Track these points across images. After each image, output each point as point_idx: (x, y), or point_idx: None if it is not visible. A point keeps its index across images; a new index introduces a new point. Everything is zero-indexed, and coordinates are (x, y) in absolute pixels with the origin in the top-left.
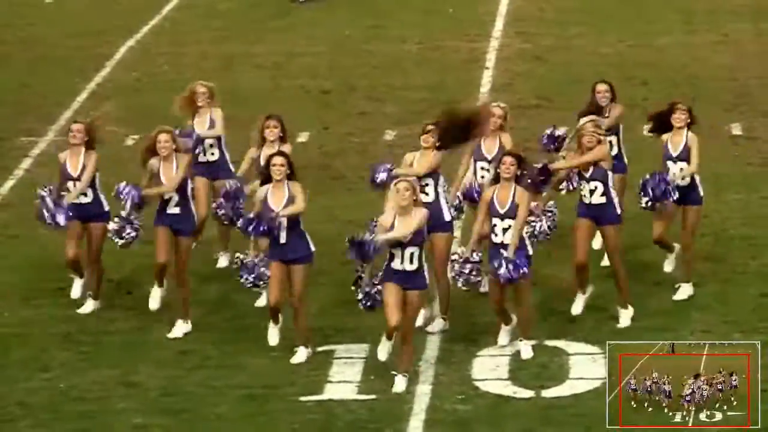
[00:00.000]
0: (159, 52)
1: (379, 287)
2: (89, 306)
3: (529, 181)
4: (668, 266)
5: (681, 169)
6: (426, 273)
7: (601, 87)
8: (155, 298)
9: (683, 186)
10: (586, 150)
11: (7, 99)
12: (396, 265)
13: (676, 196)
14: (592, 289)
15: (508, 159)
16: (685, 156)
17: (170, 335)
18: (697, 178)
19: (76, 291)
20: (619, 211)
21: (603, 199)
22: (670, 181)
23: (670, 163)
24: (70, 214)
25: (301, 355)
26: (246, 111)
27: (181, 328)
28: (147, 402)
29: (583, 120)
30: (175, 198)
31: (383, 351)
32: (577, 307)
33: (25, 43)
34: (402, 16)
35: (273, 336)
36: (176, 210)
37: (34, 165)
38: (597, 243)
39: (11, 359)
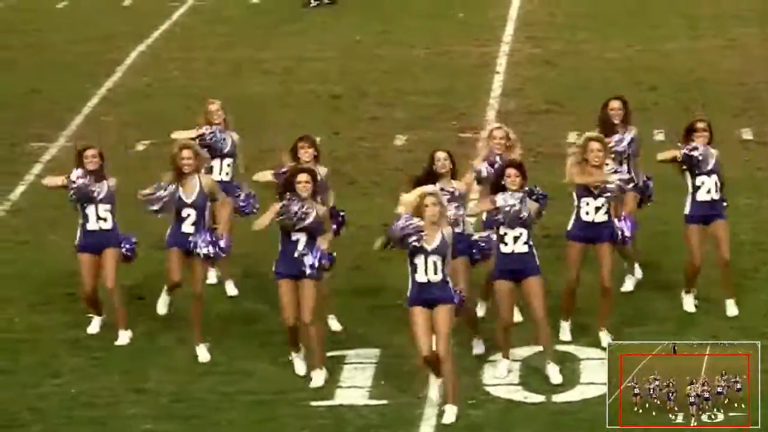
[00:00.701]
0: (169, 57)
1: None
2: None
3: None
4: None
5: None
6: (451, 287)
7: (615, 104)
8: (164, 303)
9: (715, 202)
10: (592, 167)
11: (17, 104)
12: (420, 277)
13: None
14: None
15: (512, 171)
16: (717, 168)
17: (200, 358)
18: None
19: (94, 327)
20: (614, 229)
21: (605, 218)
22: None
23: (703, 178)
24: (85, 243)
25: (318, 378)
26: (256, 116)
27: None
28: (157, 408)
29: (587, 134)
30: (193, 217)
31: (435, 391)
32: (565, 334)
33: (36, 49)
34: (412, 21)
35: (300, 366)
36: (191, 230)
37: (44, 171)
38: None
39: (22, 365)
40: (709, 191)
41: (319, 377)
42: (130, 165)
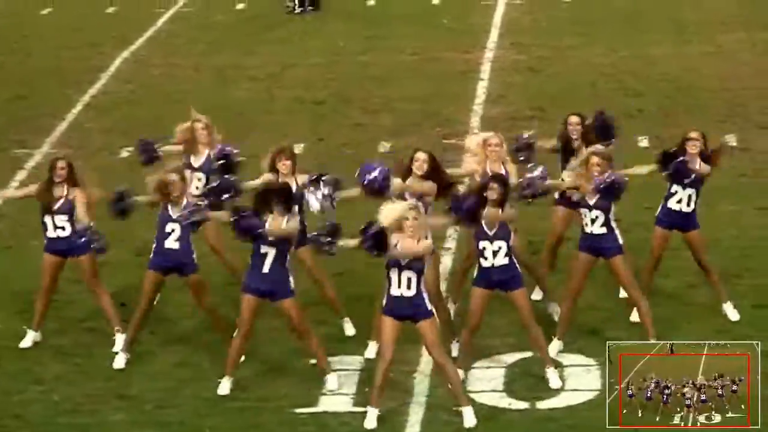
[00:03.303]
0: (153, 63)
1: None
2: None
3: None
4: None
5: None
6: (427, 301)
7: (573, 119)
8: (120, 349)
9: (685, 214)
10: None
11: (1, 111)
12: (394, 290)
13: None
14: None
15: (495, 184)
16: (696, 185)
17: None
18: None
19: (27, 341)
20: (621, 240)
21: (603, 230)
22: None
23: (678, 188)
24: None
25: (332, 381)
26: (240, 122)
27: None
28: (141, 414)
29: (591, 149)
30: (178, 232)
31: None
32: (553, 349)
33: (20, 55)
34: (397, 27)
35: (225, 387)
36: (175, 246)
37: (28, 177)
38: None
39: (5, 371)
40: (680, 201)
41: (333, 380)
42: (116, 171)
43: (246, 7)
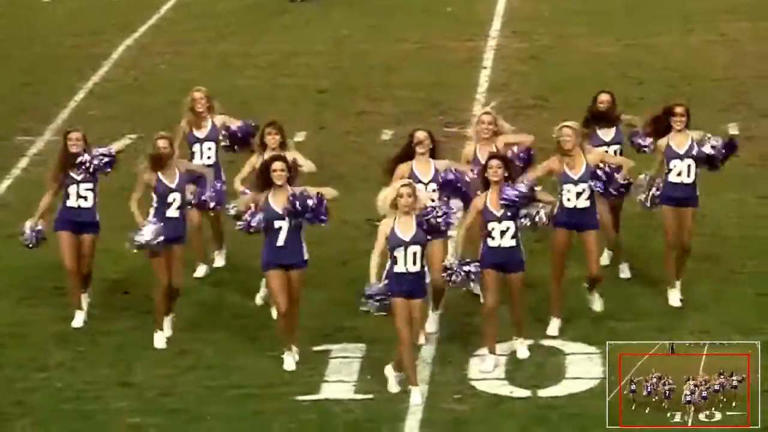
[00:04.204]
0: (156, 51)
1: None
2: (79, 319)
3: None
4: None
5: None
6: (426, 279)
7: (603, 97)
8: (161, 339)
9: (686, 186)
10: (565, 152)
11: (4, 98)
12: (399, 268)
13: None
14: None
15: (494, 162)
16: (692, 153)
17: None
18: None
19: (78, 321)
20: (598, 216)
21: (587, 203)
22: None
23: (676, 162)
24: (64, 219)
25: (290, 361)
26: (244, 111)
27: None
28: (143, 402)
29: (561, 124)
30: (178, 200)
31: (394, 383)
32: (554, 329)
33: (23, 43)
34: (400, 15)
35: (290, 362)
36: (176, 214)
37: (31, 164)
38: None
39: (8, 359)
40: (680, 174)
41: (290, 360)
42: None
43: None
